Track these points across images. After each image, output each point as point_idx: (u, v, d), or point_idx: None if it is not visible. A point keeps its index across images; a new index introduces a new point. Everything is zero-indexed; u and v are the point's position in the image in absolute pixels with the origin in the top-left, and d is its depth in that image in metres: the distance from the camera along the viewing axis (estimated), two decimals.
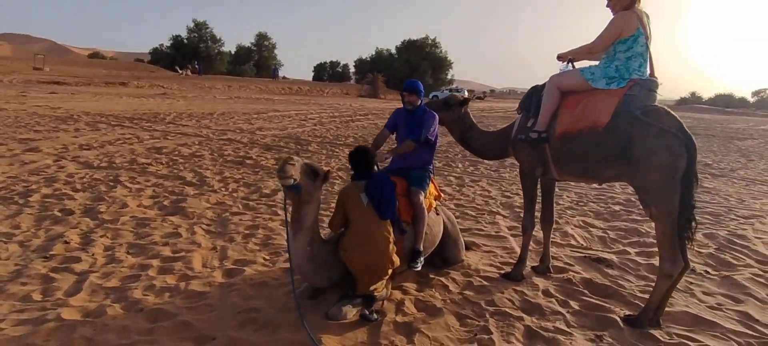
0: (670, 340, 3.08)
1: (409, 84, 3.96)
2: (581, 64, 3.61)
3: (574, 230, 5.50)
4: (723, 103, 71.54)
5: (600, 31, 3.33)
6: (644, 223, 5.78)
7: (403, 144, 3.89)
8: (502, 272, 4.04)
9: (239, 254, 4.21)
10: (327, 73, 74.87)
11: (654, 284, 3.34)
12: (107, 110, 14.85)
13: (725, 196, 8.00)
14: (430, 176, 3.97)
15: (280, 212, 5.42)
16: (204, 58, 58.26)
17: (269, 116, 16.92)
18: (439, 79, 61.23)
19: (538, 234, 4.40)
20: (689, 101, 75.43)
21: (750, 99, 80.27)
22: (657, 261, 3.49)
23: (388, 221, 3.29)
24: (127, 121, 12.72)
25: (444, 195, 6.87)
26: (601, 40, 3.31)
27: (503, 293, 3.66)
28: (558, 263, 4.32)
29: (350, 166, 3.39)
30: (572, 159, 3.44)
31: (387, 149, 4.05)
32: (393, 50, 64.77)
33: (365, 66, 64.08)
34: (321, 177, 3.19)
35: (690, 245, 3.19)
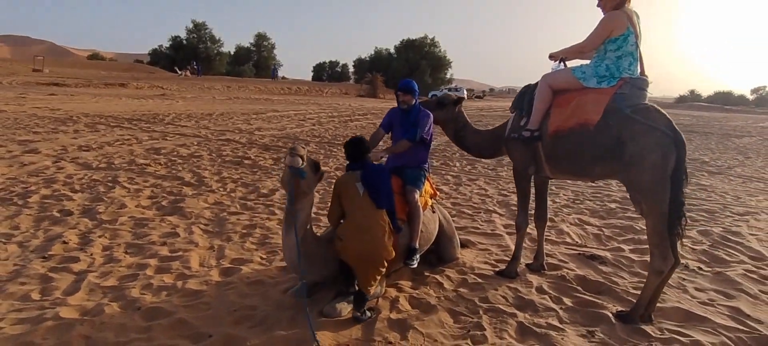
0: (661, 335, 3.12)
1: (404, 84, 4.00)
2: (573, 63, 3.65)
3: (570, 228, 5.54)
4: (722, 101, 71.59)
5: (590, 31, 3.37)
6: (639, 220, 5.81)
7: (398, 143, 3.93)
8: (497, 269, 4.08)
9: (236, 253, 4.25)
10: (326, 73, 74.88)
11: (645, 281, 3.38)
12: (106, 111, 14.88)
13: (721, 193, 8.04)
14: (426, 175, 4.00)
15: (279, 202, 5.45)
16: (203, 59, 58.26)
17: (268, 116, 16.96)
18: (438, 79, 61.21)
19: (533, 232, 4.44)
20: (688, 99, 75.49)
21: (749, 97, 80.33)
22: None
23: (385, 211, 3.28)
24: (126, 122, 12.76)
25: (441, 194, 6.91)
26: (592, 40, 3.35)
27: (497, 290, 3.69)
28: (552, 261, 4.35)
29: (346, 156, 3.40)
30: (564, 157, 3.48)
31: (382, 148, 4.08)
32: (392, 50, 64.80)
33: (364, 66, 64.09)
34: (320, 173, 3.29)
35: (680, 242, 3.23)
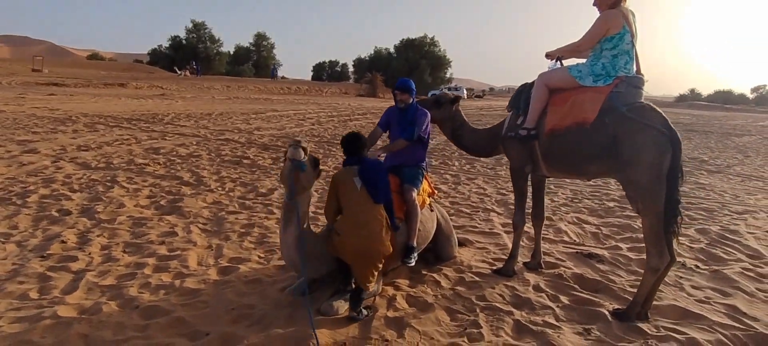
0: (657, 333, 3.13)
1: (401, 83, 4.01)
2: (570, 62, 3.66)
3: (568, 227, 5.55)
4: (722, 99, 71.58)
5: (586, 30, 3.38)
6: (637, 219, 5.78)
7: (395, 142, 3.94)
8: (494, 268, 4.09)
9: (234, 252, 4.26)
10: (326, 73, 74.86)
11: (641, 278, 3.39)
12: (106, 111, 14.89)
13: (720, 192, 8.05)
14: (423, 174, 4.01)
15: (279, 201, 5.46)
16: (203, 59, 58.21)
17: (267, 116, 16.96)
18: (437, 78, 61.16)
19: (531, 230, 4.45)
20: (688, 98, 75.46)
21: (749, 95, 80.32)
22: None
23: (382, 206, 3.27)
24: (125, 122, 12.77)
25: (439, 193, 6.92)
26: (588, 38, 3.35)
27: (494, 288, 3.70)
28: (550, 259, 4.36)
29: (343, 151, 3.40)
30: (561, 156, 3.49)
31: (380, 146, 4.09)
32: (392, 49, 64.75)
33: (364, 65, 64.03)
34: (318, 169, 3.33)
35: (676, 240, 3.24)
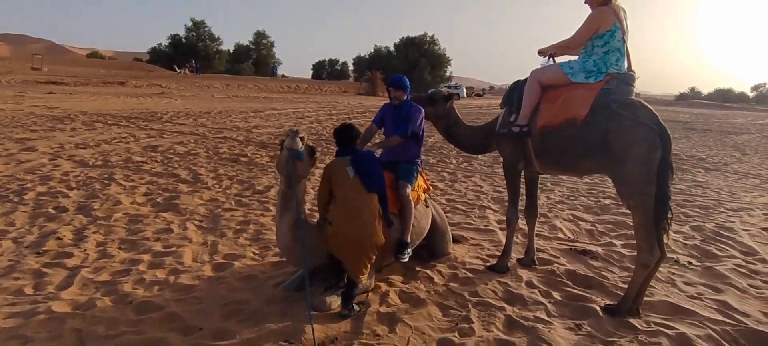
0: (648, 328, 3.15)
1: (395, 79, 4.03)
2: (562, 59, 3.68)
3: (563, 224, 5.56)
4: (722, 98, 71.57)
5: (578, 27, 3.40)
6: None
7: (390, 138, 3.96)
8: (488, 264, 4.11)
9: (229, 249, 4.28)
10: (326, 71, 74.80)
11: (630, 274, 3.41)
12: (104, 110, 14.90)
13: (717, 189, 8.07)
14: (418, 170, 4.03)
15: (277, 188, 5.48)
16: (202, 57, 58.25)
17: (266, 114, 16.98)
18: (437, 77, 61.10)
19: (525, 227, 4.47)
20: (688, 96, 75.39)
21: (749, 94, 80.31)
22: None
23: (376, 197, 3.28)
24: (123, 120, 12.78)
25: (436, 190, 6.94)
26: (579, 36, 3.37)
27: (487, 284, 3.72)
28: (543, 255, 4.38)
29: (336, 143, 3.42)
30: (553, 152, 3.51)
31: (374, 143, 4.11)
32: (392, 48, 64.69)
33: (364, 64, 63.95)
34: (315, 157, 3.35)
35: (666, 235, 3.26)
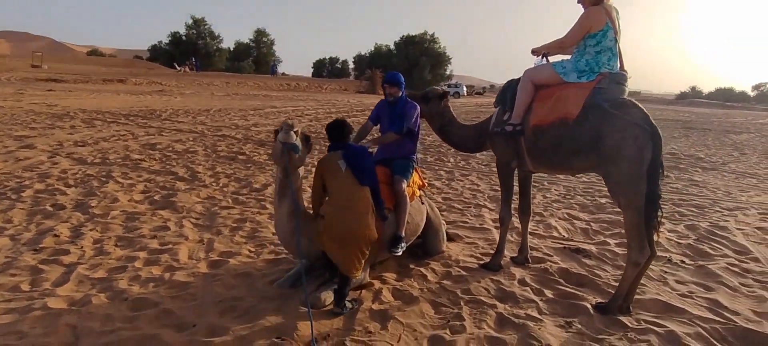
0: (638, 326, 3.17)
1: (390, 76, 4.06)
2: (555, 58, 3.70)
3: (558, 222, 5.59)
4: (723, 97, 71.43)
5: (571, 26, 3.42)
6: None
7: (385, 135, 3.99)
8: (481, 262, 4.14)
9: (225, 246, 4.31)
10: (326, 70, 74.74)
11: (622, 273, 3.44)
12: (104, 107, 14.94)
13: (713, 189, 8.09)
14: (414, 166, 4.06)
15: (273, 179, 5.50)
16: (203, 55, 58.26)
17: (266, 113, 16.99)
18: (437, 75, 61.09)
19: (520, 226, 4.49)
20: (689, 96, 75.30)
21: (750, 93, 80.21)
22: None
23: (368, 190, 3.30)
24: (123, 118, 12.81)
25: (433, 189, 6.97)
26: (572, 35, 3.39)
27: (480, 282, 3.75)
28: (537, 254, 4.41)
29: (328, 138, 3.45)
30: (545, 151, 3.53)
31: (370, 138, 4.13)
32: (392, 46, 64.65)
33: (364, 62, 63.93)
34: (310, 143, 3.40)
35: (657, 234, 3.29)
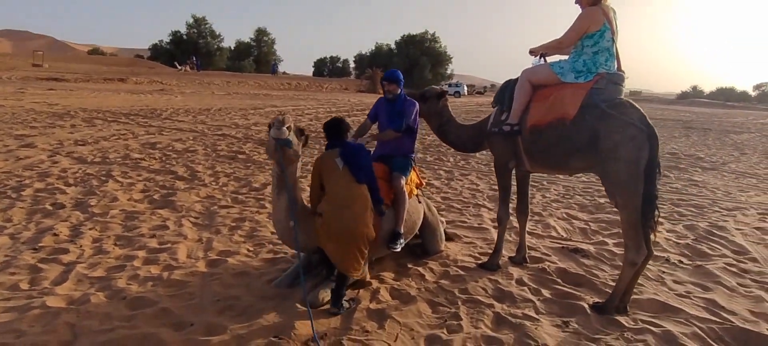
0: (634, 325, 3.18)
1: (389, 74, 4.07)
2: (553, 58, 3.70)
3: (557, 222, 5.59)
4: (724, 97, 71.38)
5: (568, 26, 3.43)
6: None
7: (384, 132, 4.00)
8: (479, 262, 4.15)
9: (224, 246, 4.32)
10: (327, 69, 74.73)
11: (619, 272, 3.45)
12: (104, 106, 14.95)
13: (713, 189, 8.09)
14: (412, 164, 4.07)
15: (270, 174, 5.51)
16: (203, 54, 58.29)
17: (266, 112, 17.00)
18: (438, 74, 61.08)
19: (518, 225, 4.50)
20: (690, 95, 75.24)
21: (751, 93, 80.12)
22: None
23: (366, 188, 3.30)
24: (123, 117, 12.83)
25: (432, 188, 6.98)
26: (569, 35, 3.40)
27: (477, 282, 3.76)
28: (535, 254, 4.42)
29: (325, 136, 3.44)
30: (543, 151, 3.54)
31: (369, 135, 4.12)
32: (393, 45, 64.62)
33: (365, 61, 63.91)
34: (305, 137, 3.34)
35: (653, 234, 3.29)
